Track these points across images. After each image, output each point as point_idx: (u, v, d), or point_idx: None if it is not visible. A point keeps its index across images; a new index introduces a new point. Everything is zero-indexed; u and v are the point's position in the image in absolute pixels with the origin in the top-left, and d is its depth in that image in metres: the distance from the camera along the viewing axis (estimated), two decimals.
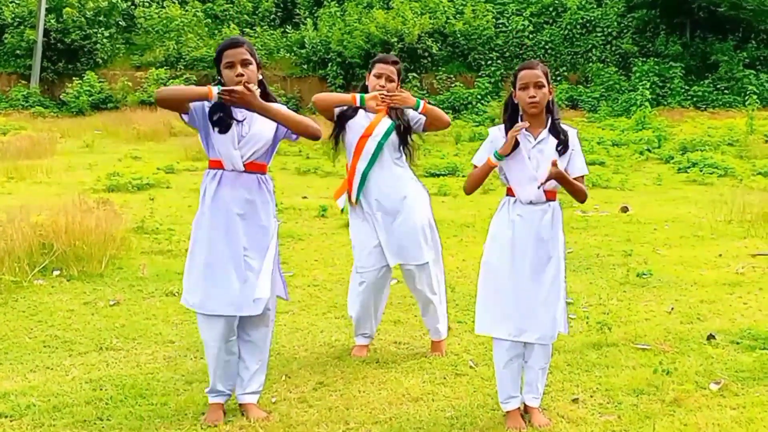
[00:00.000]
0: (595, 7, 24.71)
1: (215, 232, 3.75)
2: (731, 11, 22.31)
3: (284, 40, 25.51)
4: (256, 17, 26.82)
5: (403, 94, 4.60)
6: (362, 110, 4.64)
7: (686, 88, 22.37)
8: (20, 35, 24.76)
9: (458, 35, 24.39)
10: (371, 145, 4.59)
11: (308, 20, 25.45)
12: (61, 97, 23.91)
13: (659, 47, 23.25)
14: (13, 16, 25.32)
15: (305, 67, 24.55)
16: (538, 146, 3.72)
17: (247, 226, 3.75)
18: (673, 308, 5.73)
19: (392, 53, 22.14)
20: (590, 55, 23.92)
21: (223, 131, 3.72)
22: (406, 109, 4.67)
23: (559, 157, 3.69)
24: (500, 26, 24.74)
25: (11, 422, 3.86)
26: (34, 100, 23.79)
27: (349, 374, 4.50)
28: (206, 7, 27.17)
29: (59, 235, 6.69)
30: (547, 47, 24.17)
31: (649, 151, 15.28)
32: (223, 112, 3.73)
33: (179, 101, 3.67)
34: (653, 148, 15.51)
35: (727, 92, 22.19)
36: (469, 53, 24.38)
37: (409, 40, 23.37)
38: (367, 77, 4.67)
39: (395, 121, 4.64)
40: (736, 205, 9.24)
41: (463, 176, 12.80)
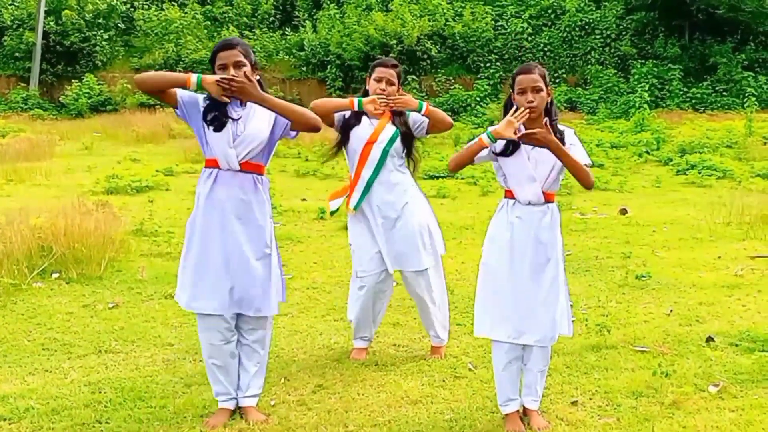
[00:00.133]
0: (593, 9, 24.74)
1: (209, 231, 3.74)
2: (730, 13, 22.35)
3: (283, 42, 25.52)
4: (255, 19, 26.83)
5: (405, 97, 4.60)
6: (366, 117, 4.62)
7: (685, 90, 22.40)
8: (19, 37, 24.76)
9: (457, 37, 24.41)
10: (376, 152, 4.57)
11: (307, 22, 25.47)
12: (60, 99, 23.91)
13: (658, 49, 23.28)
14: (12, 18, 25.33)
15: (304, 69, 24.56)
16: (537, 148, 3.73)
17: (243, 226, 3.74)
18: (671, 310, 5.73)
19: (391, 55, 22.30)
20: (589, 57, 23.95)
21: (217, 130, 3.71)
22: (409, 112, 4.67)
23: (555, 156, 3.71)
24: (499, 28, 24.76)
25: (10, 425, 3.86)
26: (33, 102, 23.78)
27: (348, 377, 4.50)
28: (205, 9, 27.19)
29: (58, 237, 6.70)
30: (545, 49, 24.19)
31: (647, 153, 15.28)
32: (217, 110, 3.72)
33: (158, 86, 3.66)
34: (652, 150, 15.51)
35: (725, 94, 22.21)
36: (468, 55, 24.40)
37: (408, 42, 23.38)
38: (367, 81, 4.67)
39: (399, 127, 4.63)
40: (734, 207, 9.24)
41: (462, 179, 12.81)
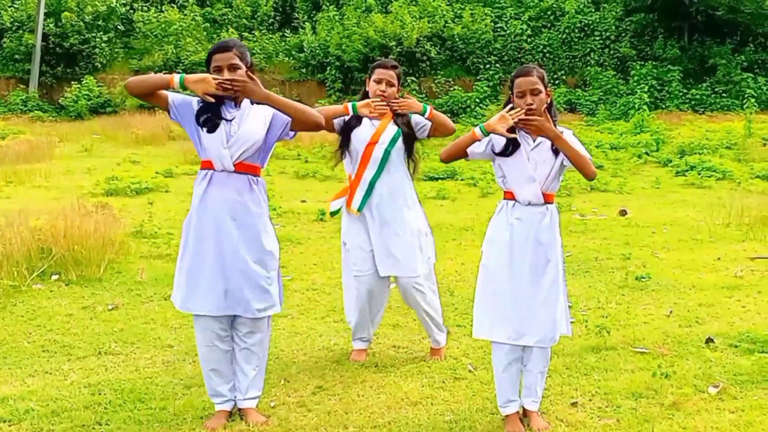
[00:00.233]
0: (593, 11, 24.74)
1: (204, 232, 3.74)
2: (729, 15, 22.35)
3: (283, 44, 25.51)
4: (254, 21, 26.82)
5: (409, 100, 4.61)
6: (366, 118, 4.62)
7: (684, 91, 22.40)
8: (19, 39, 24.74)
9: (457, 39, 24.41)
10: (378, 152, 4.57)
11: (307, 24, 25.46)
12: (59, 101, 23.88)
13: (657, 51, 23.28)
14: (11, 20, 25.31)
15: (304, 71, 24.55)
16: (536, 148, 3.76)
17: (238, 227, 3.73)
18: (671, 311, 5.74)
19: (391, 57, 22.30)
20: (588, 58, 23.95)
21: (211, 131, 3.71)
22: (412, 114, 4.68)
23: (554, 156, 3.73)
24: (498, 30, 24.76)
25: (10, 427, 3.86)
26: (32, 104, 23.75)
27: (348, 378, 4.50)
28: (205, 11, 27.18)
29: (58, 239, 6.70)
30: (545, 51, 24.19)
31: (647, 154, 15.28)
32: (211, 112, 3.73)
33: (144, 90, 3.68)
34: (651, 151, 15.51)
35: (725, 95, 22.21)
36: (467, 57, 24.40)
37: (407, 44, 23.38)
38: (366, 83, 4.66)
39: (401, 127, 4.63)
40: (734, 208, 9.25)
41: (461, 180, 12.82)
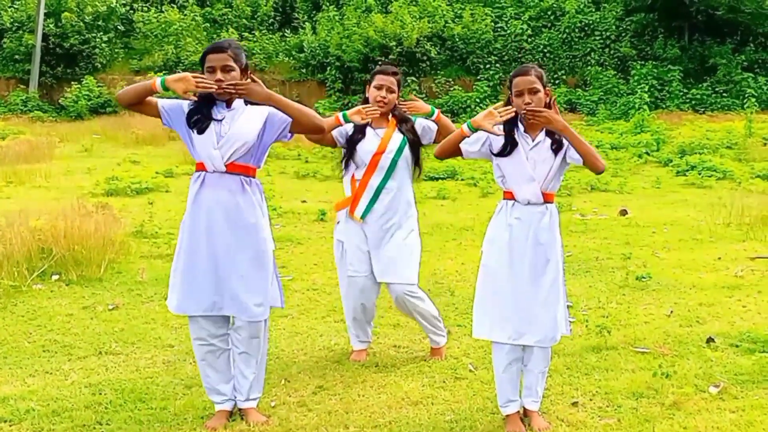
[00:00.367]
0: (593, 10, 24.74)
1: (197, 233, 3.75)
2: (729, 14, 22.35)
3: (283, 44, 25.50)
4: (254, 21, 26.81)
5: (417, 102, 4.61)
6: (370, 129, 4.61)
7: (685, 91, 22.39)
8: (19, 40, 24.74)
9: (457, 39, 24.40)
10: (385, 161, 4.56)
11: (307, 24, 25.45)
12: (59, 101, 23.87)
13: (657, 50, 23.28)
14: (11, 20, 25.31)
15: (304, 71, 24.54)
16: (535, 148, 3.75)
17: (231, 228, 3.72)
18: (672, 311, 5.73)
19: (391, 57, 22.31)
20: (589, 58, 23.94)
21: (201, 132, 3.71)
22: (415, 118, 4.67)
23: (554, 156, 3.72)
24: (499, 30, 24.75)
25: (10, 427, 3.86)
26: (32, 104, 23.75)
27: (348, 378, 4.50)
28: (205, 11, 27.17)
29: (58, 239, 6.70)
30: (545, 51, 24.19)
31: (647, 154, 15.28)
32: (201, 113, 3.73)
33: (130, 98, 3.68)
34: (652, 151, 15.50)
35: (725, 95, 22.20)
36: (467, 57, 24.39)
37: (407, 44, 23.37)
38: (367, 89, 4.64)
39: (406, 134, 4.62)
40: (734, 208, 9.25)
41: (462, 180, 12.83)
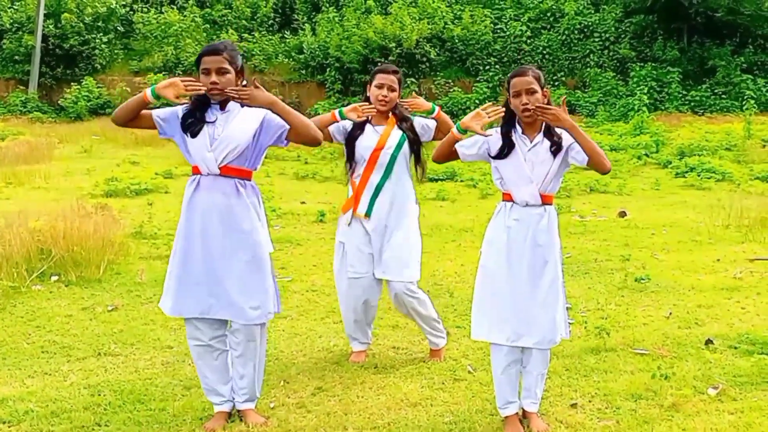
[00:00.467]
0: (592, 12, 24.74)
1: (191, 236, 3.75)
2: (728, 16, 22.35)
3: (282, 45, 25.48)
4: (254, 23, 26.80)
5: (418, 99, 4.63)
6: (369, 126, 4.64)
7: (684, 92, 22.37)
8: (18, 41, 24.72)
9: (456, 40, 24.40)
10: (384, 158, 4.58)
11: (306, 26, 25.44)
12: (59, 102, 23.85)
13: (657, 52, 23.27)
14: (11, 21, 25.29)
15: (303, 72, 24.52)
16: (533, 149, 3.75)
17: (225, 231, 3.72)
18: (671, 313, 5.74)
19: (390, 59, 22.30)
20: (588, 60, 23.93)
21: (194, 135, 3.72)
22: (413, 116, 4.69)
23: (553, 157, 3.72)
24: (498, 31, 24.75)
25: (9, 428, 3.86)
26: (32, 105, 23.72)
27: (347, 379, 4.51)
28: (204, 12, 27.16)
29: (57, 240, 6.70)
30: (544, 52, 24.18)
31: (647, 155, 15.27)
32: (194, 117, 3.73)
33: (125, 115, 3.72)
34: (651, 152, 15.50)
35: (724, 97, 22.19)
36: (467, 58, 24.39)
37: (407, 45, 23.37)
38: (368, 88, 4.66)
39: (405, 132, 4.63)
40: (733, 209, 9.25)
41: (461, 181, 12.84)
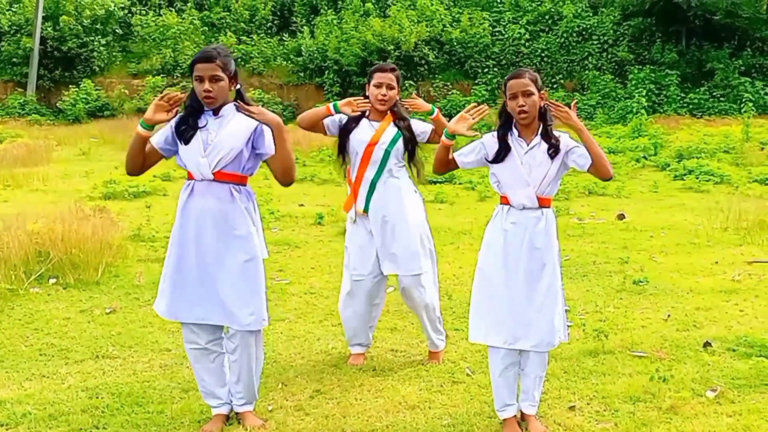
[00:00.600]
0: (591, 15, 24.78)
1: (185, 241, 3.75)
2: (727, 19, 22.39)
3: (281, 47, 25.51)
4: (252, 25, 26.83)
5: (418, 100, 4.64)
6: (366, 120, 4.64)
7: (682, 95, 22.41)
8: (17, 43, 24.74)
9: (455, 43, 24.43)
10: (378, 153, 4.59)
11: (305, 28, 25.46)
12: (57, 104, 23.87)
13: (655, 55, 23.31)
14: (9, 23, 25.30)
15: (302, 74, 24.55)
16: (530, 152, 3.74)
17: (219, 236, 3.72)
18: (669, 315, 5.74)
19: (389, 61, 22.30)
20: (586, 62, 23.97)
21: (187, 142, 3.72)
22: (412, 117, 4.70)
23: (550, 160, 3.71)
24: (497, 34, 24.78)
25: (7, 431, 3.85)
26: (30, 107, 23.73)
27: (345, 382, 4.50)
28: (203, 15, 27.19)
29: (55, 242, 6.69)
30: (543, 55, 24.22)
31: (645, 158, 15.28)
32: (186, 124, 3.73)
33: (137, 159, 3.76)
34: (649, 155, 15.52)
35: (722, 100, 22.23)
36: (465, 61, 24.42)
37: (405, 48, 23.41)
38: (366, 88, 4.66)
39: (402, 130, 4.64)
40: (732, 212, 9.25)
41: (460, 183, 12.85)
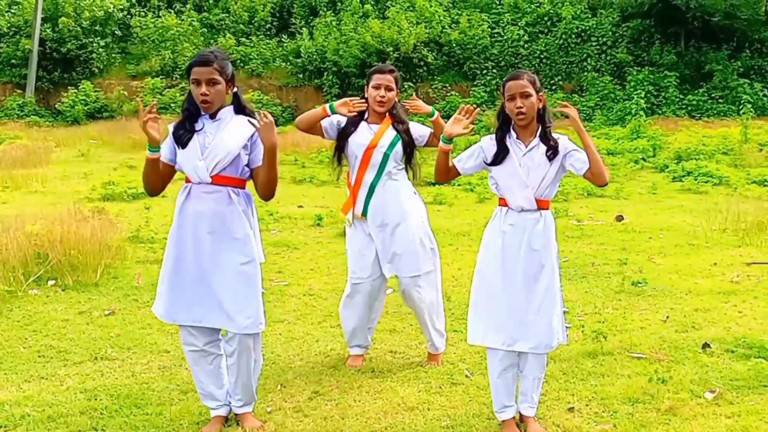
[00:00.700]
0: (590, 16, 24.79)
1: (182, 244, 3.76)
2: (725, 21, 22.41)
3: (280, 49, 25.52)
4: (251, 27, 26.83)
5: (418, 102, 4.64)
6: (364, 123, 4.64)
7: (681, 97, 22.43)
8: (16, 44, 24.74)
9: (454, 44, 24.44)
10: (377, 156, 4.58)
11: (304, 30, 25.47)
12: (56, 106, 23.86)
13: (654, 56, 23.32)
14: (8, 25, 25.30)
15: (301, 76, 24.55)
16: (528, 154, 3.74)
17: (215, 239, 3.72)
18: (668, 317, 5.74)
19: (388, 62, 22.31)
20: (585, 64, 23.97)
21: (184, 146, 3.72)
22: (411, 119, 4.71)
23: (549, 162, 3.70)
24: (495, 36, 24.79)
25: None
26: (29, 109, 23.73)
27: (344, 383, 4.50)
28: (202, 16, 27.18)
29: (54, 244, 6.69)
30: (542, 56, 24.23)
31: (644, 159, 15.30)
32: (183, 128, 3.73)
33: (154, 181, 3.84)
34: (648, 156, 15.54)
35: (721, 101, 22.24)
36: (464, 62, 24.43)
37: (404, 49, 23.41)
38: (365, 89, 4.67)
39: (400, 133, 4.64)
40: (730, 213, 9.26)
41: (458, 185, 12.85)
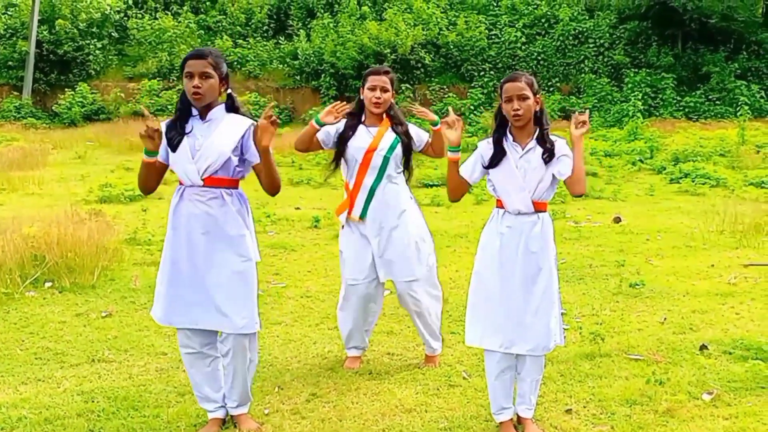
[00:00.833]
0: (587, 18, 24.84)
1: (177, 246, 3.76)
2: (722, 23, 22.48)
3: (277, 51, 25.53)
4: (249, 29, 26.85)
5: (426, 109, 4.67)
6: (363, 127, 4.64)
7: (678, 98, 22.47)
8: (12, 46, 24.74)
9: (451, 46, 24.47)
10: (377, 159, 4.58)
11: (301, 32, 25.50)
12: (53, 108, 23.86)
13: (651, 58, 23.37)
14: (5, 27, 25.31)
15: (298, 78, 24.56)
16: (525, 156, 3.73)
17: (210, 241, 3.72)
18: (665, 318, 5.74)
19: (385, 64, 22.30)
20: (582, 66, 24.02)
21: (175, 149, 3.71)
22: (409, 121, 4.72)
23: (545, 165, 3.70)
24: (493, 37, 24.83)
25: None
26: (26, 111, 23.72)
27: (342, 385, 4.50)
28: (199, 18, 27.19)
29: (51, 246, 6.68)
30: (539, 58, 24.27)
31: (641, 161, 15.33)
32: (174, 130, 3.72)
33: (150, 182, 3.80)
34: (645, 158, 15.56)
35: (718, 103, 22.29)
36: (461, 64, 24.46)
37: (402, 51, 23.44)
38: (361, 91, 4.66)
39: (399, 136, 4.65)
40: (728, 215, 9.27)
41: None
